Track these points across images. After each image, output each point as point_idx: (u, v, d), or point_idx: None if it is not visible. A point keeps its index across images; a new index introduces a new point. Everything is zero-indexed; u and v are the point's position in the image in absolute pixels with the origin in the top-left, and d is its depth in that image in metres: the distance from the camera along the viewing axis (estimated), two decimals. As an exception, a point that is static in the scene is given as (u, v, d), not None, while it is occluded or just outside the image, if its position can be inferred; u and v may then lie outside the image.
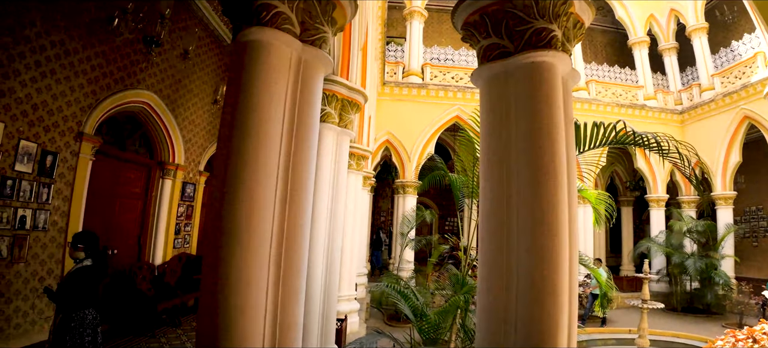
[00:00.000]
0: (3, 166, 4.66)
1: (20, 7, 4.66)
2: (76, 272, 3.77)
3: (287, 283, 2.21)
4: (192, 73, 8.10)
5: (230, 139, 2.18)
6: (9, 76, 4.63)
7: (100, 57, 5.82)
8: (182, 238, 8.42)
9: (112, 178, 6.71)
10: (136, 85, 6.59)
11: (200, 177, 8.80)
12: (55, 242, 5.46)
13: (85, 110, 5.71)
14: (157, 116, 7.19)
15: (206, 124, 8.81)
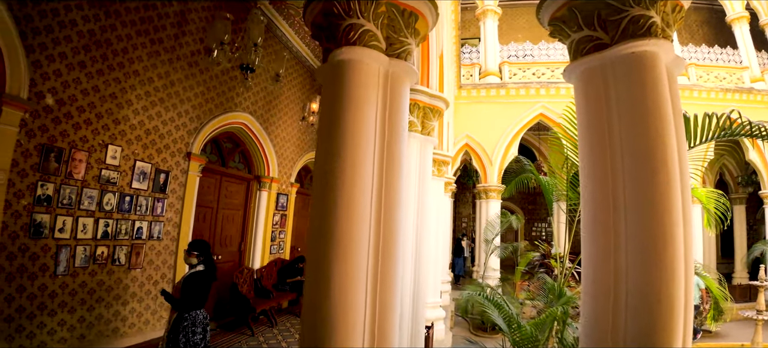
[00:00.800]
0: (122, 185, 5.17)
1: (128, 45, 5.15)
2: (190, 277, 4.03)
3: (384, 293, 2.22)
4: (281, 93, 8.51)
5: (328, 156, 2.25)
6: (123, 106, 5.14)
7: (201, 85, 6.32)
8: (277, 245, 8.81)
9: (216, 192, 7.21)
10: (234, 108, 7.06)
11: (291, 188, 9.17)
12: (168, 250, 5.95)
13: (191, 133, 6.20)
14: (253, 135, 7.63)
15: (295, 140, 9.18)
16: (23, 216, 4.10)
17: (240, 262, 7.87)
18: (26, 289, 4.17)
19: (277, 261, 8.70)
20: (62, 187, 4.45)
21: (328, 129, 2.29)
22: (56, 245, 4.42)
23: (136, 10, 5.18)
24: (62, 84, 4.42)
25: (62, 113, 4.44)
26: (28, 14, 4.03)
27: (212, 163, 6.96)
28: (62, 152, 4.44)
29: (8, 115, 3.90)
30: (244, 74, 5.07)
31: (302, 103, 9.33)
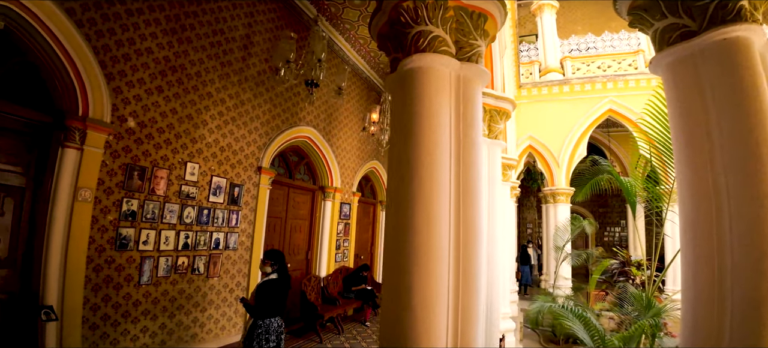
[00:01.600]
0: (200, 199, 5.30)
1: (201, 69, 5.31)
2: (263, 285, 3.97)
3: (466, 306, 2.12)
4: (340, 105, 8.48)
5: (402, 165, 2.20)
6: (199, 126, 5.28)
7: (268, 102, 6.40)
8: (341, 253, 8.72)
9: (285, 203, 7.26)
10: (298, 122, 7.10)
11: (353, 197, 9.08)
12: (243, 259, 6.02)
13: (261, 148, 6.28)
14: (317, 147, 7.64)
15: (355, 150, 9.11)
16: (109, 230, 4.27)
17: (307, 270, 7.86)
18: (111, 298, 4.33)
19: (342, 269, 8.61)
20: (146, 202, 4.60)
21: (402, 138, 2.23)
22: (140, 257, 4.58)
23: (205, 36, 5.33)
24: (142, 107, 4.59)
25: (144, 134, 4.61)
26: (106, 45, 4.21)
27: (280, 175, 7.02)
28: (145, 170, 4.60)
29: (93, 138, 4.08)
30: (308, 89, 5.01)
31: (361, 114, 9.27)
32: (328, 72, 7.54)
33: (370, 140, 9.54)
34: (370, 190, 10.55)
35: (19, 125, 3.73)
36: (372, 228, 10.62)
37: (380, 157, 10.26)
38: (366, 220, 10.26)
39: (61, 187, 3.86)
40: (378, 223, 10.72)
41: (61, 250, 3.84)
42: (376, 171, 10.23)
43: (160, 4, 4.74)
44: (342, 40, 7.94)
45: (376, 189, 10.69)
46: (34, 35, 3.65)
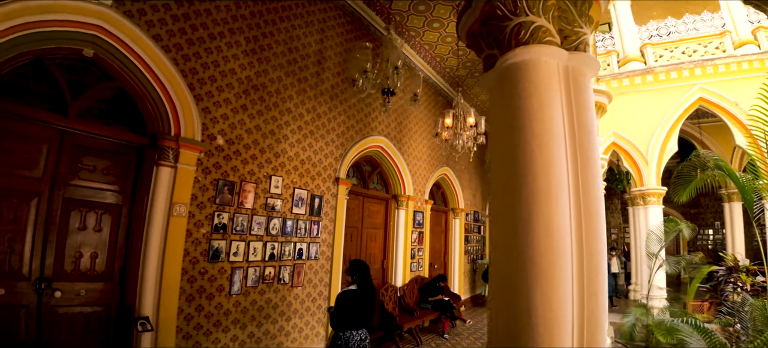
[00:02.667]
0: (284, 210, 5.18)
1: (279, 86, 5.24)
2: (341, 295, 3.71)
3: (591, 322, 1.82)
4: (410, 113, 8.14)
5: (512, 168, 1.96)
6: (281, 140, 5.20)
7: (342, 114, 6.23)
8: (416, 262, 8.30)
9: (360, 213, 7.03)
10: (371, 132, 6.86)
11: (426, 205, 8.65)
12: (324, 268, 5.83)
13: (337, 159, 6.11)
14: (389, 155, 7.34)
15: (426, 157, 8.69)
16: (202, 243, 4.24)
17: (383, 280, 7.53)
18: (204, 308, 4.27)
19: (417, 278, 8.17)
20: (235, 215, 4.55)
21: (507, 139, 2.00)
22: (231, 268, 4.51)
23: (282, 54, 5.27)
24: (229, 126, 4.57)
25: (232, 151, 4.58)
26: (193, 68, 4.24)
27: (355, 185, 6.80)
28: (234, 185, 4.56)
29: (186, 156, 4.08)
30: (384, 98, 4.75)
31: (430, 121, 8.87)
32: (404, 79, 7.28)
33: (440, 147, 9.10)
34: (442, 198, 10.05)
35: (115, 146, 3.80)
36: (445, 237, 10.08)
37: (451, 162, 9.75)
38: (438, 228, 9.76)
39: (157, 203, 3.88)
40: (450, 232, 10.16)
41: (158, 263, 3.84)
42: (447, 177, 9.73)
43: (239, 27, 4.73)
44: (408, 48, 7.63)
45: (447, 196, 10.17)
46: (124, 61, 3.71)
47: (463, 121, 6.48)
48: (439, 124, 6.56)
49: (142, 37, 3.77)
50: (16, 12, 2.97)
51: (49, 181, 3.36)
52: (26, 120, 3.25)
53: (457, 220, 10.21)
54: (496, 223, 2.01)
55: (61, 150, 3.44)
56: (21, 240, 3.20)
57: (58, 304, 3.35)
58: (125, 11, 3.66)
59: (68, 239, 3.45)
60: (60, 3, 3.22)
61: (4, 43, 2.96)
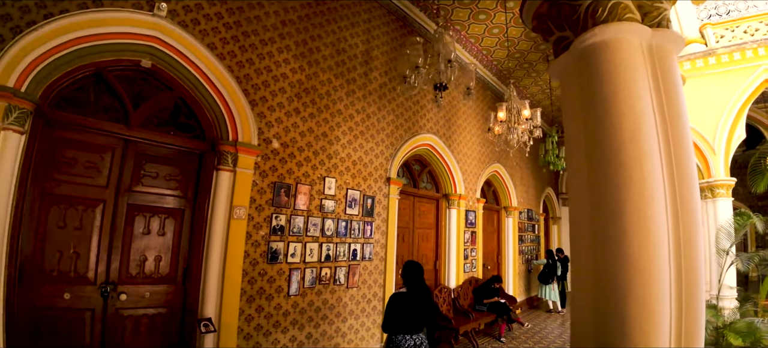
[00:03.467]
0: (338, 212, 5.02)
1: (329, 88, 5.11)
2: (391, 297, 3.45)
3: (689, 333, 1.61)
4: (458, 109, 7.76)
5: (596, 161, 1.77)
6: (333, 142, 5.05)
7: (391, 113, 6.00)
8: (469, 263, 7.86)
9: (411, 213, 6.74)
10: (419, 130, 6.58)
11: (478, 203, 8.19)
12: (378, 269, 5.60)
13: (388, 159, 5.88)
14: (438, 154, 7.01)
15: (476, 154, 8.25)
16: (261, 245, 4.15)
17: (436, 281, 7.18)
18: (264, 309, 4.18)
19: (471, 280, 7.73)
20: (292, 217, 4.44)
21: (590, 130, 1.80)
22: (289, 269, 4.39)
23: (330, 56, 5.14)
24: (284, 129, 4.48)
25: (287, 154, 4.48)
26: (247, 74, 4.20)
27: (405, 185, 6.53)
28: (290, 187, 4.46)
29: (244, 160, 4.04)
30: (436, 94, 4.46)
31: (480, 116, 8.45)
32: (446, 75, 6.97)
33: (491, 143, 8.62)
34: (493, 196, 9.52)
35: (176, 153, 3.82)
36: (497, 237, 9.53)
37: (502, 159, 9.22)
38: (490, 228, 9.24)
39: (217, 206, 3.83)
40: (503, 232, 9.59)
41: (220, 265, 3.80)
42: (499, 175, 9.20)
43: (288, 32, 4.64)
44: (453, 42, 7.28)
45: (498, 194, 9.63)
46: (182, 70, 3.72)
47: (516, 114, 6.01)
48: (491, 119, 6.13)
49: (198, 46, 3.77)
50: (73, 26, 3.02)
51: (113, 188, 3.39)
52: (89, 130, 3.30)
53: (510, 218, 9.63)
54: (579, 222, 1.81)
55: (124, 158, 3.47)
56: (87, 245, 3.24)
57: (123, 306, 3.36)
58: (179, 22, 3.67)
59: (133, 243, 3.48)
60: (116, 17, 3.25)
61: (64, 57, 3.02)
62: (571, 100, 1.98)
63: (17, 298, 2.83)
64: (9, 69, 2.73)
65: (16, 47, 2.77)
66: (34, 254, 2.99)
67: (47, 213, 3.06)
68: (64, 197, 3.15)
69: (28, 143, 2.90)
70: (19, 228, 2.85)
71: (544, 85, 9.51)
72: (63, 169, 3.15)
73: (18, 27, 2.82)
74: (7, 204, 2.72)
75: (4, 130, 2.69)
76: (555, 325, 8.44)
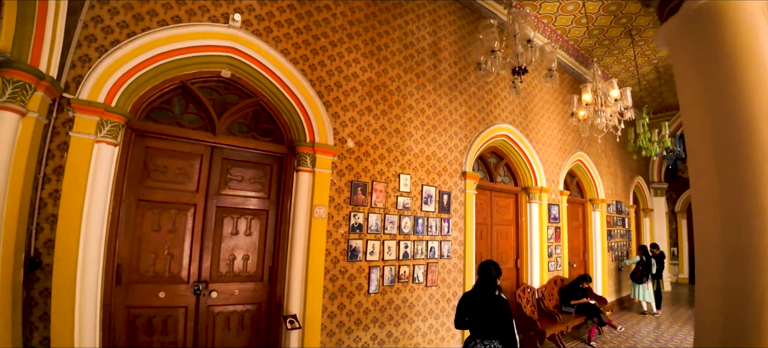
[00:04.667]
0: (414, 209, 4.82)
1: (399, 83, 4.94)
2: (462, 296, 3.22)
3: None
4: (535, 96, 7.15)
5: (723, 133, 1.47)
6: (406, 138, 4.87)
7: (463, 105, 5.67)
8: (554, 261, 7.17)
9: (489, 208, 6.32)
10: (494, 120, 6.15)
11: (561, 196, 7.46)
12: (457, 267, 5.29)
13: (462, 152, 5.57)
14: (515, 144, 6.50)
15: (556, 143, 7.53)
16: (341, 243, 4.09)
17: (517, 281, 6.64)
18: (346, 306, 4.12)
19: (556, 279, 7.04)
20: (369, 215, 4.34)
21: (713, 97, 1.50)
22: (368, 267, 4.29)
23: (399, 51, 4.98)
24: (358, 128, 4.40)
25: (362, 152, 4.40)
26: (320, 76, 4.19)
27: (481, 179, 6.13)
28: (366, 185, 4.37)
29: (322, 161, 4.03)
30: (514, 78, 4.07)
31: (558, 101, 7.73)
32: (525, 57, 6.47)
33: (572, 130, 7.86)
34: (577, 188, 8.66)
35: (259, 157, 3.92)
36: (583, 232, 8.62)
37: (585, 146, 8.35)
38: (575, 223, 8.39)
39: (299, 206, 3.85)
40: (589, 227, 8.66)
41: (303, 263, 3.81)
42: (583, 164, 8.33)
43: (356, 31, 4.57)
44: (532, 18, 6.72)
45: (583, 186, 8.73)
46: (259, 77, 3.82)
47: (603, 96, 5.32)
48: (574, 103, 5.50)
49: (272, 53, 3.83)
50: (155, 43, 3.19)
51: (203, 192, 3.54)
52: (178, 139, 3.47)
53: (597, 212, 8.67)
54: (704, 210, 1.53)
55: (212, 163, 3.62)
56: (180, 247, 3.39)
57: (213, 304, 3.48)
58: (253, 31, 3.76)
59: (222, 243, 3.60)
60: (194, 31, 3.40)
61: (150, 72, 3.20)
62: (686, 67, 1.66)
63: (114, 299, 3.02)
64: (98, 86, 2.93)
65: (103, 65, 2.96)
66: (131, 257, 3.17)
67: (142, 218, 3.25)
68: (158, 203, 3.33)
69: (122, 154, 3.09)
70: (116, 233, 3.04)
71: (627, 63, 8.45)
72: (156, 176, 3.33)
73: (103, 47, 3.01)
74: (104, 211, 2.88)
75: (97, 142, 2.88)
76: (650, 328, 7.39)
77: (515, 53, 4.19)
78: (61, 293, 2.66)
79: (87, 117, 2.87)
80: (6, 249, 2.30)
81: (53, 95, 2.68)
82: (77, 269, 2.73)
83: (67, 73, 2.88)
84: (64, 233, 2.71)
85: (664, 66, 8.57)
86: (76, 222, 2.75)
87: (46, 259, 2.68)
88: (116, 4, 3.11)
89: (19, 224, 2.41)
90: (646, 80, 9.32)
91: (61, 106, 2.83)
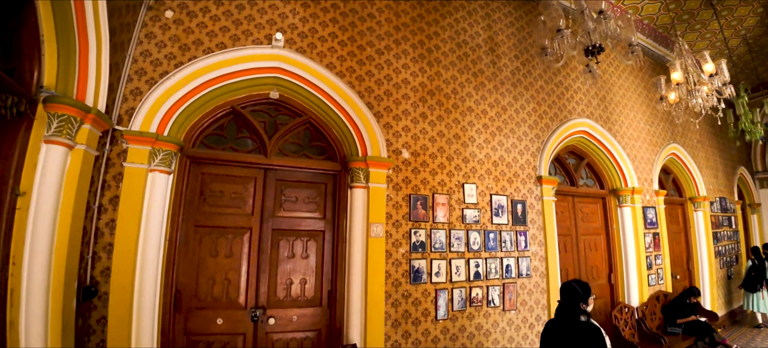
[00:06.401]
0: (484, 222, 4.19)
1: (456, 85, 4.43)
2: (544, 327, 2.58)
3: None
4: (613, 84, 6.16)
5: None
6: (468, 144, 4.31)
7: (530, 101, 4.98)
8: (655, 274, 5.96)
9: (572, 216, 5.42)
10: (568, 116, 5.33)
11: (657, 197, 6.27)
12: (539, 287, 4.49)
13: (535, 154, 4.84)
14: (597, 140, 5.58)
15: (645, 135, 6.40)
16: (402, 263, 3.59)
17: (612, 300, 5.56)
18: (411, 335, 3.57)
19: (658, 295, 5.82)
20: (432, 231, 3.82)
21: None
22: (435, 290, 3.73)
23: (451, 51, 4.50)
24: (412, 137, 3.97)
25: (419, 163, 3.94)
26: (369, 87, 3.88)
27: (560, 184, 5.30)
28: (426, 199, 3.87)
29: (375, 175, 3.65)
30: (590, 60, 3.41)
31: (641, 87, 6.61)
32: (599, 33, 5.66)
33: (661, 118, 6.68)
34: (674, 185, 7.28)
35: (312, 176, 3.66)
36: (685, 237, 7.18)
37: (677, 136, 7.05)
38: (675, 227, 7.02)
39: (354, 225, 3.48)
40: (691, 230, 7.19)
41: (362, 287, 3.40)
42: (677, 157, 7.00)
43: (403, 36, 4.20)
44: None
45: (680, 183, 7.33)
46: (306, 95, 3.63)
47: (694, 73, 4.32)
48: (661, 85, 4.55)
49: (317, 68, 3.63)
50: (202, 70, 3.14)
51: (258, 215, 3.33)
52: (232, 164, 3.34)
53: (699, 212, 7.19)
54: None
55: (266, 185, 3.43)
56: (237, 272, 3.19)
57: (272, 330, 3.22)
58: (297, 48, 3.59)
59: (279, 267, 3.35)
60: (239, 56, 3.32)
61: (200, 99, 3.15)
62: None
63: (175, 326, 2.88)
64: (150, 116, 2.90)
65: (153, 96, 2.94)
66: (189, 283, 3.04)
67: (200, 244, 3.11)
68: (215, 227, 3.18)
69: (177, 181, 3.03)
70: (174, 259, 2.93)
71: (712, 37, 7.08)
72: (212, 201, 3.21)
73: (152, 79, 3.00)
74: (160, 238, 2.82)
75: (151, 171, 2.85)
76: None
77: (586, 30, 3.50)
78: (117, 321, 2.62)
79: (139, 147, 2.84)
80: (57, 277, 2.25)
81: (102, 127, 2.64)
82: (134, 297, 2.69)
83: (120, 106, 2.87)
84: (120, 261, 2.68)
85: (753, 36, 7.07)
86: (132, 250, 2.71)
87: (104, 287, 2.64)
88: (163, 37, 3.09)
89: (70, 253, 2.35)
90: (736, 55, 7.76)
91: (114, 139, 2.83)
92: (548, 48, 3.62)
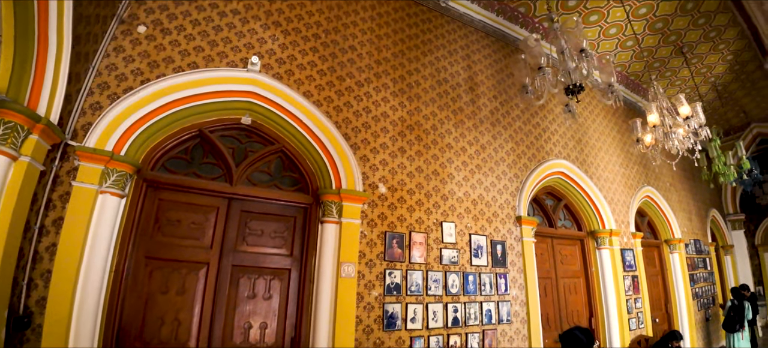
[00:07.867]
0: (463, 263, 3.93)
1: (435, 121, 4.32)
2: None
3: None
4: (587, 127, 6.19)
5: None
6: (446, 181, 4.13)
7: (509, 141, 4.89)
8: (635, 318, 5.75)
9: (551, 258, 5.22)
10: (546, 156, 5.25)
11: (634, 239, 6.18)
12: (520, 334, 4.20)
13: (513, 194, 4.69)
14: (574, 182, 5.50)
15: (620, 177, 6.39)
16: (375, 308, 3.24)
17: (596, 342, 5.27)
18: (392, 395, 3.15)
19: (640, 340, 5.58)
20: (408, 272, 3.51)
21: None
22: (410, 337, 3.37)
23: (431, 87, 4.41)
24: (390, 171, 3.75)
25: (396, 198, 3.70)
26: (346, 118, 3.69)
27: (539, 224, 5.14)
28: (403, 237, 3.60)
29: (349, 210, 3.37)
30: (570, 100, 3.34)
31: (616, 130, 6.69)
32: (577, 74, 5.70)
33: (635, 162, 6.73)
34: (649, 228, 7.26)
35: (281, 208, 3.34)
36: (662, 279, 7.08)
37: (652, 179, 7.10)
38: (652, 269, 6.91)
39: (324, 263, 3.15)
40: (668, 271, 7.11)
41: (329, 334, 3.01)
42: (652, 200, 7.00)
43: (384, 70, 4.09)
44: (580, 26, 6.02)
45: (655, 225, 7.31)
46: (280, 122, 3.40)
47: (669, 115, 4.36)
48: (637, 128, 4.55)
49: (293, 96, 3.43)
50: (170, 89, 2.89)
51: (217, 249, 2.97)
52: (193, 191, 3.02)
53: (675, 254, 7.15)
54: None
55: (228, 216, 3.08)
56: (189, 311, 2.78)
57: None
58: (274, 74, 3.41)
59: (237, 308, 2.94)
60: (211, 77, 3.10)
61: (164, 119, 2.88)
62: None
63: None
64: (107, 133, 2.59)
65: (114, 112, 2.65)
66: (134, 321, 2.62)
67: (150, 277, 2.72)
68: (168, 261, 2.79)
69: (131, 205, 2.68)
70: (119, 294, 2.53)
71: (682, 84, 7.37)
72: (167, 230, 2.85)
73: (115, 94, 2.73)
74: (104, 268, 2.44)
75: (102, 193, 2.51)
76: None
77: (566, 70, 3.46)
78: (49, 358, 2.18)
79: (90, 165, 2.52)
80: (-15, 303, 1.86)
81: (53, 140, 2.34)
82: (70, 332, 2.28)
83: (76, 120, 2.57)
84: (58, 291, 2.29)
85: (723, 83, 7.41)
86: (72, 279, 2.33)
87: (38, 318, 2.24)
88: (132, 52, 2.86)
89: (2, 277, 1.99)
90: (706, 101, 8.08)
91: (66, 154, 2.50)
92: (529, 86, 3.56)
